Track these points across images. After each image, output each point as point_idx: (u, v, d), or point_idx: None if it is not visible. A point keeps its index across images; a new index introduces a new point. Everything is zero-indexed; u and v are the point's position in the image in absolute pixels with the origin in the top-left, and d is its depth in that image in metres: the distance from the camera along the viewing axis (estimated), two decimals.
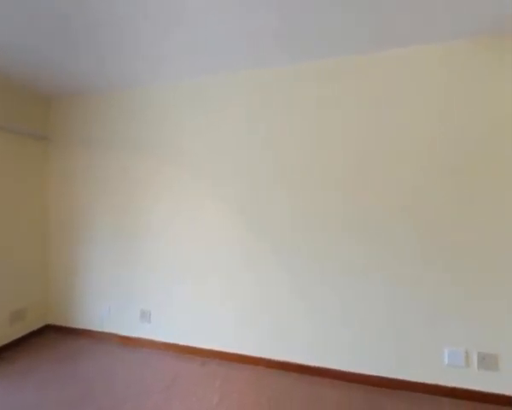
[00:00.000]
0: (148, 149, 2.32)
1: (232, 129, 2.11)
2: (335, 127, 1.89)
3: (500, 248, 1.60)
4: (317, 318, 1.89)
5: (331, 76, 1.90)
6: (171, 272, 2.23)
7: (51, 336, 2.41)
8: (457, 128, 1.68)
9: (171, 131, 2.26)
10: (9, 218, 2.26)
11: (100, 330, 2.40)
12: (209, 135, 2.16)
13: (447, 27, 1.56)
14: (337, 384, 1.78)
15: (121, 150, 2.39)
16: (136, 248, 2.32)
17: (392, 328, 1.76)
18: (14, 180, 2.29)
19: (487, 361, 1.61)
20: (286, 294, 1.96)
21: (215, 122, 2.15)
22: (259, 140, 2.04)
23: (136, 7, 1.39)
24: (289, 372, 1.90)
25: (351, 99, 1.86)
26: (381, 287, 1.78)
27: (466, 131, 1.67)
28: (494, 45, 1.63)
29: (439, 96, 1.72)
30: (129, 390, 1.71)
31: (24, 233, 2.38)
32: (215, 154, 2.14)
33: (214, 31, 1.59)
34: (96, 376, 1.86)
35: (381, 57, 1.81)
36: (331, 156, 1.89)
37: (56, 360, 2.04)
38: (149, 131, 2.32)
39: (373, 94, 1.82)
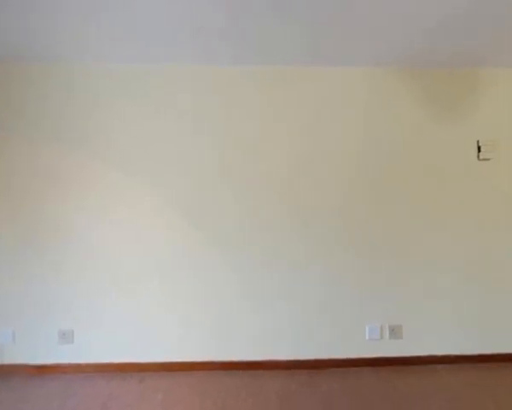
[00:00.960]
0: (69, 139, 1.95)
1: (175, 126, 1.99)
2: (278, 132, 2.00)
3: (408, 241, 2.00)
4: (263, 314, 1.97)
5: (273, 82, 2.01)
6: (99, 282, 1.94)
7: None
8: (375, 141, 2.02)
9: (100, 121, 1.97)
10: None
11: (1, 362, 1.91)
12: (148, 129, 1.98)
13: (368, 55, 1.85)
14: (280, 374, 1.88)
15: (32, 137, 1.94)
16: (51, 258, 1.92)
17: (327, 314, 1.99)
18: None
19: (395, 332, 1.98)
20: (232, 293, 1.97)
21: (155, 115, 1.98)
22: (204, 139, 1.99)
23: None
24: (235, 371, 1.92)
25: (291, 106, 2.00)
26: (318, 279, 1.98)
27: (381, 144, 2.02)
28: (404, 74, 2.02)
29: (362, 113, 2.02)
30: None
31: None
32: (154, 150, 1.97)
33: (157, 20, 1.47)
34: None
35: (317, 71, 2.01)
36: (274, 158, 2.00)
37: None
38: (72, 117, 1.96)
39: (311, 104, 2.01)
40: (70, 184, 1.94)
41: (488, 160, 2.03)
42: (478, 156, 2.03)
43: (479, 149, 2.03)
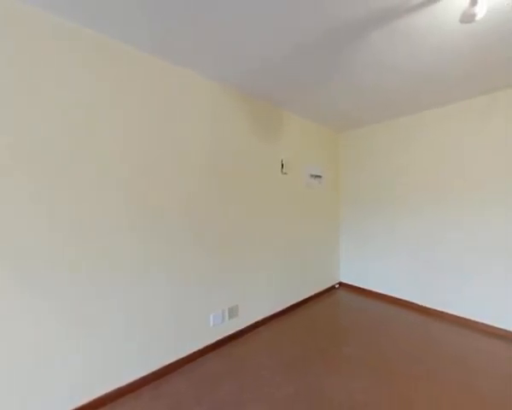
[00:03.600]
0: None
1: None
2: (115, 128, 1.67)
3: (241, 236, 2.41)
4: (94, 338, 1.58)
5: (114, 62, 1.65)
6: None
7: None
8: (220, 146, 2.26)
9: None
10: None
11: None
12: None
13: (216, 69, 2.02)
14: (125, 401, 1.62)
15: None
16: None
17: (174, 314, 1.96)
18: None
19: (233, 312, 2.36)
20: (45, 329, 1.40)
21: None
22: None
23: None
24: None
25: (134, 97, 1.75)
26: (163, 281, 1.90)
27: (225, 150, 2.29)
28: (241, 96, 2.40)
29: (209, 118, 2.18)
30: None
31: None
32: None
33: None
34: None
35: (167, 68, 1.90)
36: (111, 156, 1.65)
37: None
38: None
39: (159, 100, 1.87)
40: None
41: (287, 174, 2.96)
42: (281, 171, 2.89)
43: (282, 165, 2.90)
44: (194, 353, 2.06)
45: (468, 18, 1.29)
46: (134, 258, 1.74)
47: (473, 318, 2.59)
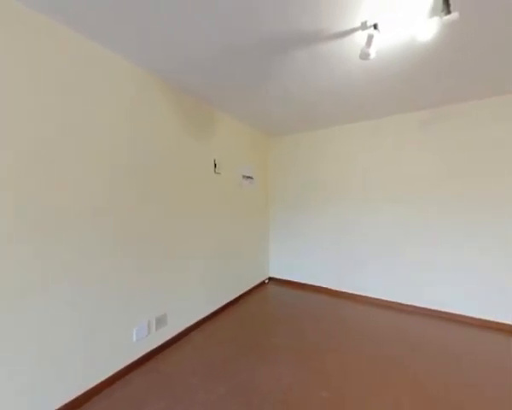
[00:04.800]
0: None
1: None
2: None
3: (167, 237, 2.24)
4: None
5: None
6: None
7: None
8: (141, 142, 2.03)
9: None
10: None
11: None
12: None
13: (143, 53, 1.81)
14: None
15: None
16: None
17: (84, 336, 1.65)
18: None
19: (161, 321, 2.17)
20: None
21: None
22: None
23: None
24: None
25: (36, 74, 1.38)
26: (68, 298, 1.57)
27: (147, 145, 2.07)
28: (171, 90, 2.22)
29: (128, 112, 1.93)
30: None
31: None
32: None
33: None
34: None
35: (80, 42, 1.57)
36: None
37: None
38: None
39: (66, 81, 1.53)
40: None
41: (220, 174, 2.94)
42: (214, 170, 2.85)
43: (215, 165, 2.86)
44: (112, 376, 1.78)
45: (364, 56, 1.59)
46: (23, 275, 1.37)
47: (374, 296, 3.21)
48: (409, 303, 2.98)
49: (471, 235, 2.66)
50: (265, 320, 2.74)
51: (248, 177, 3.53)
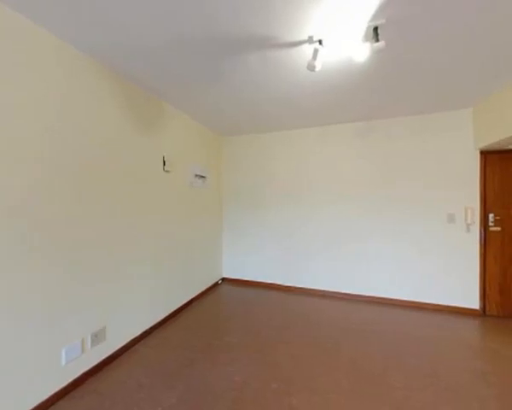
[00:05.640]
0: None
1: None
2: None
3: (110, 243, 2.00)
4: None
5: None
6: None
7: None
8: (76, 135, 1.77)
9: None
10: None
11: None
12: None
13: (68, 31, 1.56)
14: None
15: None
16: None
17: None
18: None
19: (99, 337, 1.93)
20: None
21: None
22: None
23: None
24: None
25: None
26: None
27: (82, 139, 1.82)
28: (112, 76, 1.97)
29: (59, 103, 1.65)
30: None
31: None
32: None
33: None
34: None
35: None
36: None
37: None
38: None
39: None
40: None
41: (169, 172, 2.77)
42: (163, 168, 2.68)
43: (164, 162, 2.68)
44: (36, 408, 1.51)
45: (310, 67, 1.72)
46: None
47: (320, 288, 3.49)
48: (349, 292, 3.35)
49: (400, 230, 3.15)
50: (218, 321, 2.71)
51: (201, 176, 3.42)
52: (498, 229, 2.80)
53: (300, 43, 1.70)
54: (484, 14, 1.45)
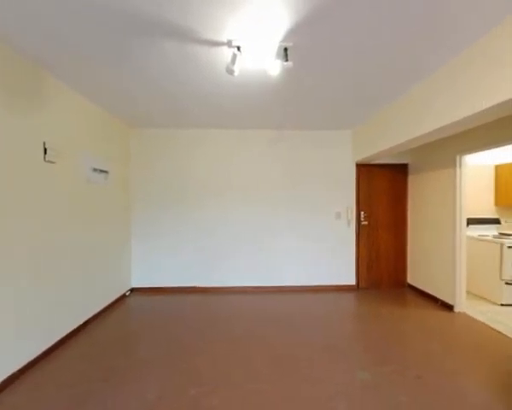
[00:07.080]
0: None
1: None
2: None
3: None
4: None
5: None
6: None
7: None
8: None
9: None
10: None
11: None
12: None
13: None
14: None
15: None
16: None
17: None
18: None
19: None
20: None
21: None
22: None
23: None
24: None
25: None
26: None
27: None
28: None
29: None
30: None
31: None
32: None
33: None
34: None
35: None
36: None
37: None
38: None
39: None
40: None
41: (54, 163, 2.19)
42: (44, 158, 2.09)
43: (45, 150, 2.09)
44: None
45: (229, 71, 1.77)
46: None
47: (239, 284, 3.61)
48: (266, 285, 3.64)
49: (301, 226, 3.67)
50: (127, 337, 2.37)
51: (102, 170, 2.89)
52: (366, 223, 3.74)
53: (220, 44, 1.71)
54: (356, 63, 1.91)
